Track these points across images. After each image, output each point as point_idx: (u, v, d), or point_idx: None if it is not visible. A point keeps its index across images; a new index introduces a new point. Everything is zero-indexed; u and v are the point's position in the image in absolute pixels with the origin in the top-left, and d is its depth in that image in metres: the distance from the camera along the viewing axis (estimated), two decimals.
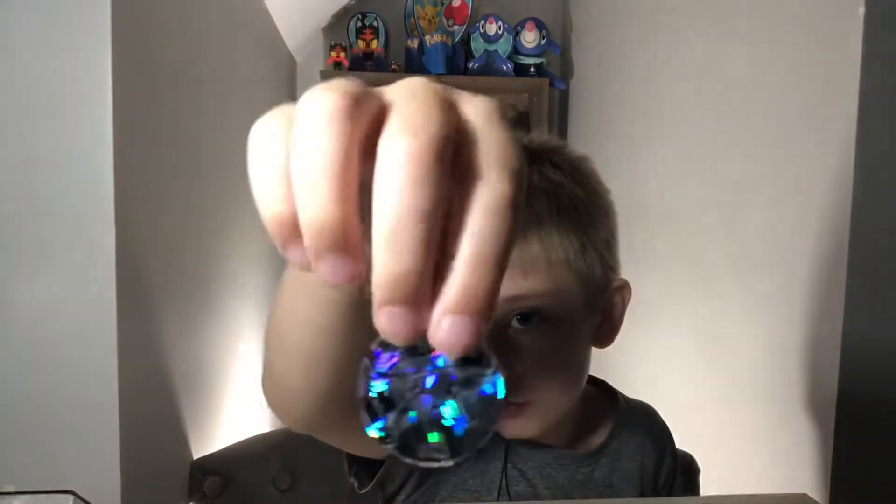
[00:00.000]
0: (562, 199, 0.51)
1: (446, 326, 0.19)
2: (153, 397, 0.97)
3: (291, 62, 2.69)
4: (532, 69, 2.66)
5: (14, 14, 0.76)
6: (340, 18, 2.71)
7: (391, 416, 0.22)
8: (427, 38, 2.60)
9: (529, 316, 0.49)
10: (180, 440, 1.10)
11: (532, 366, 0.49)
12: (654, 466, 0.64)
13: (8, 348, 0.79)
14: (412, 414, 0.22)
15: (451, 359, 0.22)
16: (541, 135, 0.58)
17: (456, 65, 2.65)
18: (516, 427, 0.52)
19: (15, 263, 0.79)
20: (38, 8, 0.77)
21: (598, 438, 0.60)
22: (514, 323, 0.49)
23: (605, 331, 0.56)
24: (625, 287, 0.58)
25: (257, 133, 0.21)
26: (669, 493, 0.64)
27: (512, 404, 0.50)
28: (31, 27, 0.77)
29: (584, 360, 0.54)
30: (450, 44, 2.62)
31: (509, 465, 0.55)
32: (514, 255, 0.46)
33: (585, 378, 0.55)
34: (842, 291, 0.88)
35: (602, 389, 0.67)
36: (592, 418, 0.61)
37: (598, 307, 0.55)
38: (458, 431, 0.22)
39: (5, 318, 0.78)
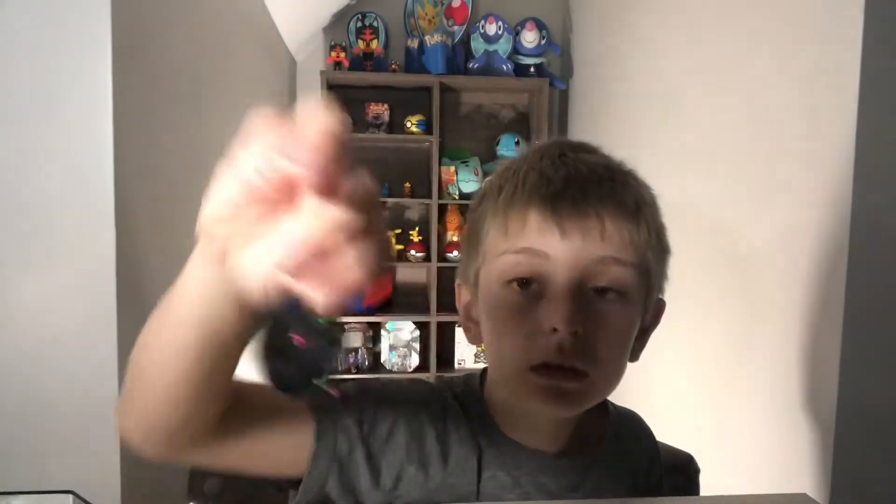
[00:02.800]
0: (650, 195, 0.53)
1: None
2: None
3: (291, 62, 2.69)
4: (532, 69, 2.66)
5: (14, 14, 0.76)
6: (340, 18, 2.71)
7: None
8: (427, 38, 2.60)
9: (607, 289, 0.50)
10: None
11: (600, 334, 0.49)
12: (644, 475, 0.63)
13: (8, 348, 0.79)
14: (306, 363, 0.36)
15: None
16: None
17: (456, 65, 2.65)
18: (567, 401, 0.50)
19: (15, 263, 0.78)
20: (38, 8, 0.77)
21: (591, 447, 0.59)
22: (591, 292, 0.50)
23: (637, 345, 0.55)
24: (663, 305, 0.58)
25: None
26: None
27: (570, 370, 0.49)
28: (31, 27, 0.77)
29: (626, 358, 0.53)
30: (450, 44, 2.62)
31: (502, 472, 0.54)
32: (627, 221, 0.49)
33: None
34: (842, 291, 0.88)
35: None
36: (586, 427, 0.59)
37: (646, 310, 0.55)
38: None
39: (5, 317, 0.78)
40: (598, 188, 0.50)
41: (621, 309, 0.50)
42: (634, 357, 0.55)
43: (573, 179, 0.50)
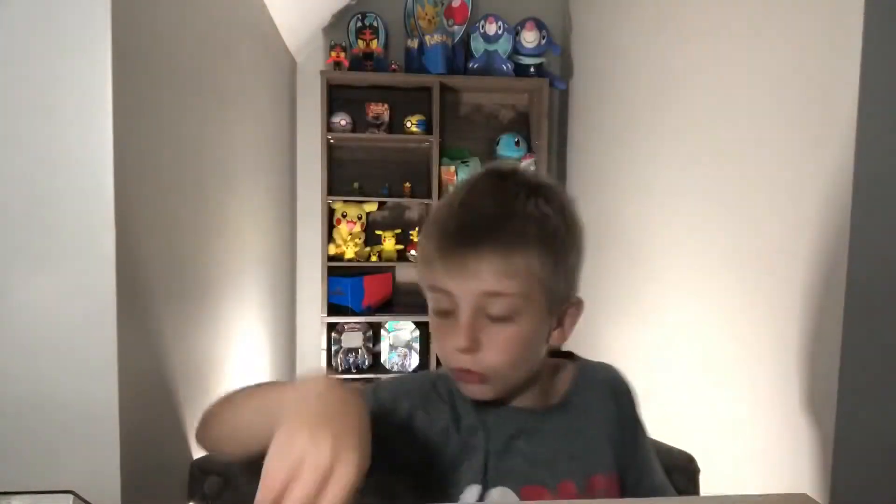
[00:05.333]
0: (547, 227, 0.65)
1: None
2: (153, 397, 0.97)
3: (291, 62, 2.69)
4: (532, 69, 2.66)
5: (14, 14, 0.76)
6: (340, 18, 2.72)
7: None
8: (427, 38, 2.60)
9: (498, 315, 0.64)
10: (180, 440, 1.10)
11: (494, 348, 0.64)
12: (615, 412, 0.75)
13: (8, 348, 0.79)
14: None
15: None
16: (540, 174, 0.72)
17: (456, 65, 2.65)
18: (476, 391, 0.67)
19: (15, 263, 0.79)
20: (38, 8, 0.77)
21: (556, 397, 0.73)
22: (488, 317, 0.64)
23: (557, 334, 0.69)
24: (580, 303, 0.70)
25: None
26: (635, 439, 0.76)
27: (475, 373, 0.64)
28: (31, 27, 0.77)
29: (537, 350, 0.68)
30: (450, 44, 2.62)
31: (474, 419, 0.69)
32: (502, 262, 0.63)
33: (537, 361, 0.69)
34: (842, 291, 0.88)
35: (568, 358, 0.79)
36: (552, 382, 0.74)
37: (556, 314, 0.68)
38: None
39: (5, 318, 0.78)
40: (486, 230, 0.63)
41: (512, 329, 0.64)
42: (556, 343, 0.69)
43: (466, 225, 0.63)
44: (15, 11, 0.76)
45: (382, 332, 2.71)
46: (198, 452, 1.15)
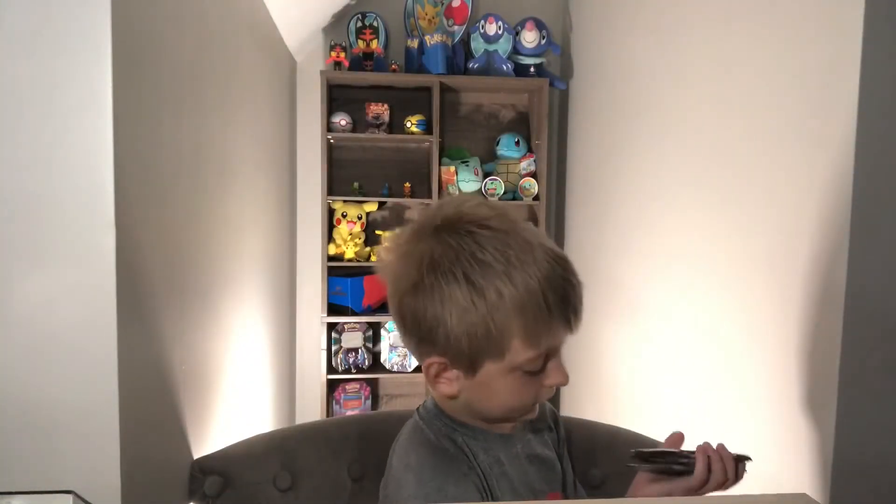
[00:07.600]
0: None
1: None
2: (153, 397, 0.97)
3: (291, 62, 2.69)
4: (532, 69, 2.66)
5: (14, 14, 0.76)
6: (340, 18, 2.72)
7: None
8: (427, 38, 2.60)
9: None
10: (180, 440, 1.10)
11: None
12: (554, 431, 0.90)
13: (8, 348, 0.79)
14: None
15: None
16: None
17: (456, 65, 2.65)
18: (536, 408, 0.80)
19: (15, 263, 0.79)
20: (37, 8, 0.77)
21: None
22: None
23: None
24: None
25: None
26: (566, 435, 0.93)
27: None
28: (31, 27, 0.77)
29: None
30: (450, 44, 2.62)
31: (489, 451, 0.80)
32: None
33: None
34: (842, 291, 0.88)
35: None
36: None
37: None
38: None
39: (5, 318, 0.78)
40: (581, 292, 0.73)
41: None
42: None
43: (577, 296, 0.72)
44: (15, 11, 0.76)
45: (382, 332, 2.71)
46: (198, 452, 1.15)
